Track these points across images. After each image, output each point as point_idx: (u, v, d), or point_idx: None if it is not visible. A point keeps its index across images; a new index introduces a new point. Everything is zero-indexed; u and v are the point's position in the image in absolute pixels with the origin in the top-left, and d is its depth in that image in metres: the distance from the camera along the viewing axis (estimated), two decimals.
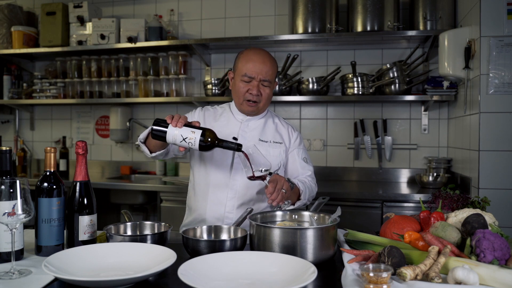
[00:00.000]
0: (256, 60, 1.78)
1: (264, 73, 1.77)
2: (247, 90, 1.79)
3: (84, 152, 1.33)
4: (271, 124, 1.92)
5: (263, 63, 1.78)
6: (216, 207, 1.80)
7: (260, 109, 1.85)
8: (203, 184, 1.85)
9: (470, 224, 1.15)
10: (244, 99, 1.81)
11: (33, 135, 4.01)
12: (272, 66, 1.81)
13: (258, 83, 1.78)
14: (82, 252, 1.19)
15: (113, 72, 3.59)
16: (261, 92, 1.79)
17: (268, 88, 1.81)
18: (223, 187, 1.80)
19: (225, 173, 1.81)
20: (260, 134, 1.86)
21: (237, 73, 1.82)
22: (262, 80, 1.78)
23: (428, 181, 2.93)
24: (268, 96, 1.82)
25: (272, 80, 1.81)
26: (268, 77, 1.78)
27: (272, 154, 1.83)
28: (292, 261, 1.11)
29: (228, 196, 1.79)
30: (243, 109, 1.85)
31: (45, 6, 3.55)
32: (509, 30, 2.31)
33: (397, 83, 3.03)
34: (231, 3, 3.54)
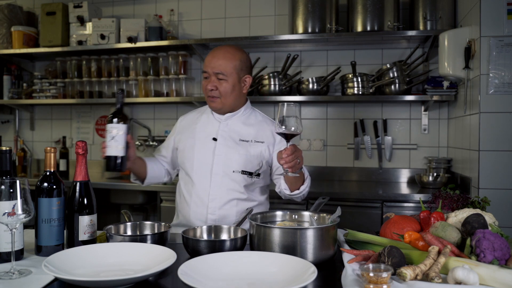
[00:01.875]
0: (210, 56, 1.81)
1: (215, 66, 1.77)
2: (205, 86, 1.81)
3: (84, 152, 1.33)
4: (253, 121, 1.89)
5: (214, 57, 1.79)
6: (198, 209, 1.80)
7: (225, 105, 1.82)
8: (186, 187, 1.86)
9: (470, 224, 1.15)
10: (206, 95, 1.82)
11: (33, 135, 4.01)
12: (225, 58, 1.78)
13: (214, 78, 1.78)
14: (82, 252, 1.19)
15: (113, 72, 3.59)
16: (217, 86, 1.78)
17: (225, 81, 1.77)
18: (204, 189, 1.80)
19: (206, 175, 1.80)
20: (241, 134, 1.84)
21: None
22: (215, 73, 1.77)
23: (428, 181, 2.93)
24: (226, 90, 1.78)
25: (228, 73, 1.77)
26: (220, 70, 1.76)
27: (252, 154, 1.81)
28: (292, 261, 1.11)
29: (209, 198, 1.79)
30: (208, 104, 1.86)
31: (45, 6, 3.55)
32: (509, 30, 2.31)
33: (397, 83, 3.03)
34: (231, 3, 3.54)
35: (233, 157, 1.80)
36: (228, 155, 1.80)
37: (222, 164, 1.79)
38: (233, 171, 1.79)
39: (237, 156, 1.80)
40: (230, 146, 1.81)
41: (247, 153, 1.81)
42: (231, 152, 1.80)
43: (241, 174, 1.80)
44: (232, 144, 1.82)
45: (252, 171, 1.81)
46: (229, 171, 1.79)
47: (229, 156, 1.80)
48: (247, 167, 1.80)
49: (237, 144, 1.82)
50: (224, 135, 1.83)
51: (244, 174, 1.80)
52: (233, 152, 1.80)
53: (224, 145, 1.81)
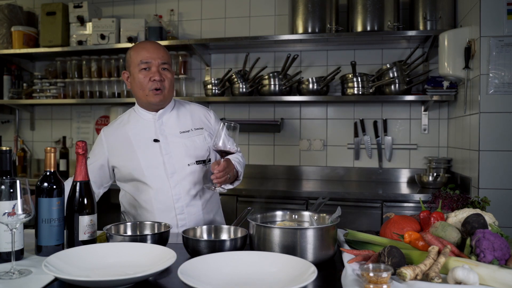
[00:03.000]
0: (148, 46, 1.76)
1: (161, 56, 1.74)
2: (149, 78, 1.72)
3: (84, 152, 1.33)
4: (185, 113, 1.86)
5: (156, 48, 1.75)
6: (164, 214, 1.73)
7: (166, 97, 1.78)
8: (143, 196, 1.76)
9: (470, 224, 1.15)
10: (149, 89, 1.73)
11: (33, 135, 4.01)
12: (165, 49, 1.78)
13: (158, 68, 1.73)
14: (82, 252, 1.19)
15: (113, 72, 3.59)
16: (163, 76, 1.74)
17: (169, 72, 1.76)
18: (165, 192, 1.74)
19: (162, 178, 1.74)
20: (178, 126, 1.80)
21: (133, 66, 1.75)
22: (161, 63, 1.73)
23: (428, 181, 2.93)
24: (171, 81, 1.76)
25: (170, 63, 1.77)
26: (166, 60, 1.75)
27: (198, 142, 1.79)
28: (292, 261, 1.11)
29: (174, 199, 1.74)
30: (150, 100, 1.75)
31: (45, 6, 3.55)
32: (509, 30, 2.31)
33: (397, 83, 3.03)
34: (231, 3, 3.54)
35: (183, 151, 1.76)
36: (177, 151, 1.76)
37: (174, 161, 1.75)
38: (188, 165, 1.75)
39: (186, 149, 1.76)
40: (175, 142, 1.77)
41: (193, 143, 1.78)
42: (179, 147, 1.76)
43: (196, 165, 1.77)
44: (175, 139, 1.77)
45: (205, 159, 1.80)
46: (184, 166, 1.75)
47: (178, 151, 1.76)
48: (198, 156, 1.77)
49: (179, 137, 1.78)
50: (163, 133, 1.78)
51: (199, 163, 1.78)
52: (180, 146, 1.77)
53: (168, 143, 1.76)
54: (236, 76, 3.26)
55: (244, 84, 3.26)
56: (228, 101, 3.44)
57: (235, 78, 3.27)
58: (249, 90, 3.26)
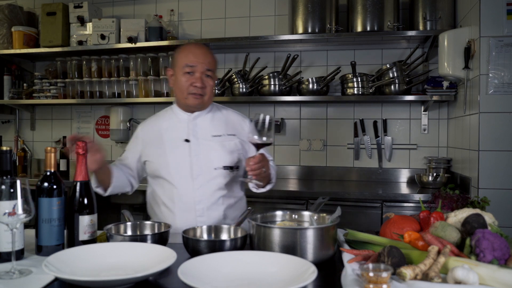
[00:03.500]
0: (196, 50, 1.76)
1: (207, 63, 1.74)
2: (190, 83, 1.73)
3: (84, 152, 1.33)
4: (219, 116, 1.87)
5: (203, 53, 1.76)
6: (185, 214, 1.74)
7: (205, 102, 1.79)
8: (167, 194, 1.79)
9: (470, 224, 1.15)
10: (188, 92, 1.75)
11: (34, 135, 4.01)
12: (212, 55, 1.80)
13: (201, 74, 1.74)
14: (82, 252, 1.19)
15: (113, 72, 3.59)
16: (205, 83, 1.75)
17: (211, 79, 1.77)
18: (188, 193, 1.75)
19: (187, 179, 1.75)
20: (211, 130, 1.81)
21: (178, 67, 1.77)
22: (206, 69, 1.74)
23: (428, 181, 2.93)
24: (211, 88, 1.78)
25: (214, 70, 1.79)
26: (211, 67, 1.76)
27: (228, 148, 1.80)
28: (292, 261, 1.11)
29: (195, 200, 1.75)
30: (188, 103, 1.77)
31: (46, 6, 3.55)
32: (508, 30, 2.31)
33: (397, 83, 3.03)
34: (231, 3, 3.55)
35: (212, 155, 1.77)
36: (206, 153, 1.77)
37: (202, 164, 1.76)
38: (214, 169, 1.76)
39: (215, 153, 1.77)
40: (205, 144, 1.78)
41: (224, 148, 1.78)
42: (208, 150, 1.77)
43: (223, 170, 1.77)
44: (206, 142, 1.79)
45: (232, 165, 1.80)
46: (210, 170, 1.76)
47: (207, 154, 1.77)
48: (226, 161, 1.78)
49: (210, 141, 1.79)
50: (195, 135, 1.79)
51: (226, 169, 1.78)
52: (210, 149, 1.78)
53: (199, 144, 1.78)
54: (236, 76, 3.26)
55: (244, 84, 3.26)
56: (228, 101, 3.44)
57: (235, 78, 3.27)
58: (249, 90, 3.26)
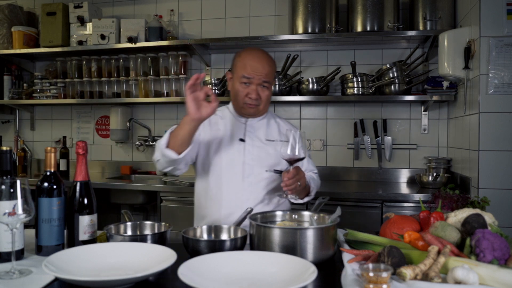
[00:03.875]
0: (255, 62, 1.76)
1: (264, 75, 1.76)
2: (246, 94, 1.77)
3: (84, 152, 1.33)
4: (273, 123, 1.93)
5: (262, 65, 1.76)
6: (231, 210, 1.76)
7: (260, 111, 1.85)
8: (216, 189, 1.81)
9: (470, 224, 1.15)
10: (243, 102, 1.79)
11: (34, 135, 4.01)
12: (270, 67, 1.80)
13: (257, 86, 1.76)
14: (82, 252, 1.19)
15: (113, 72, 3.59)
16: (260, 95, 1.77)
17: (267, 89, 1.80)
18: (237, 191, 1.78)
19: (237, 177, 1.79)
20: (266, 134, 1.86)
21: (236, 76, 1.80)
22: (262, 82, 1.76)
23: (428, 181, 2.93)
24: (267, 98, 1.81)
25: (271, 81, 1.81)
26: (268, 79, 1.77)
27: None
28: (292, 261, 1.11)
29: (243, 199, 1.77)
30: (243, 112, 1.84)
31: (46, 6, 3.55)
32: (508, 30, 2.31)
33: (397, 83, 3.03)
34: (231, 3, 3.55)
35: (264, 157, 1.81)
36: (259, 155, 1.81)
37: (254, 164, 1.80)
38: (266, 171, 1.80)
39: (268, 156, 1.81)
40: (259, 146, 1.82)
41: (276, 152, 1.82)
42: (262, 152, 1.81)
43: (273, 173, 1.81)
44: (260, 144, 1.83)
45: (282, 170, 1.82)
46: (261, 171, 1.79)
47: (260, 156, 1.81)
48: (277, 166, 1.82)
49: (265, 144, 1.83)
50: (251, 136, 1.83)
51: (276, 173, 1.82)
52: (263, 152, 1.82)
53: (253, 145, 1.82)
54: None
55: None
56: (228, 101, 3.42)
57: None
58: None
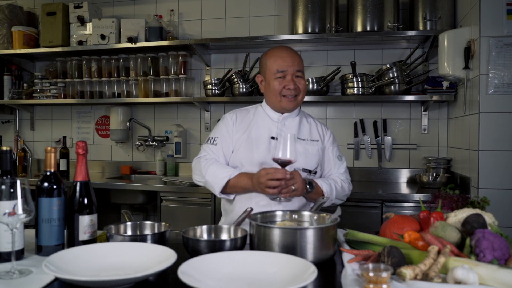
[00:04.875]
0: (284, 54, 1.82)
1: (296, 64, 1.80)
2: (283, 86, 1.80)
3: (84, 152, 1.33)
4: (305, 123, 1.94)
5: (291, 56, 1.81)
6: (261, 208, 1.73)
7: (300, 102, 1.87)
8: None
9: (470, 224, 1.15)
10: (282, 95, 1.81)
11: (34, 135, 4.01)
12: (299, 57, 1.86)
13: (292, 77, 1.80)
14: (82, 252, 1.19)
15: (113, 72, 3.59)
16: (297, 85, 1.81)
17: (302, 79, 1.83)
18: None
19: None
20: (297, 133, 1.87)
21: (268, 73, 1.83)
22: (296, 71, 1.80)
23: (428, 181, 2.93)
24: (304, 87, 1.85)
25: (303, 70, 1.85)
26: (300, 67, 1.82)
27: (310, 152, 1.85)
28: (292, 261, 1.11)
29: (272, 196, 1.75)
30: (283, 106, 1.84)
31: (46, 6, 3.55)
32: (508, 30, 2.31)
33: (397, 83, 3.03)
34: (231, 3, 3.55)
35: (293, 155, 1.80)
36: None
37: None
38: (294, 169, 1.79)
39: (298, 154, 1.79)
40: None
41: (306, 151, 1.83)
42: None
43: (302, 171, 1.81)
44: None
45: (311, 169, 1.84)
46: (291, 169, 1.77)
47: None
48: (307, 164, 1.83)
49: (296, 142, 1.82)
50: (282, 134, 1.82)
51: (305, 171, 1.82)
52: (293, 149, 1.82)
53: None
54: (236, 76, 3.26)
55: (244, 84, 3.26)
56: (228, 101, 3.44)
57: (235, 78, 3.27)
58: (249, 90, 3.26)
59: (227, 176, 1.77)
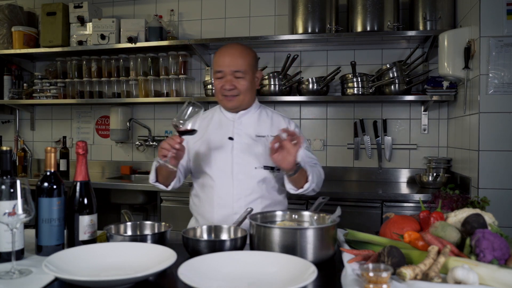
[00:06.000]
0: (224, 54, 1.78)
1: (233, 65, 1.75)
2: (221, 86, 1.77)
3: (84, 152, 1.33)
4: (265, 117, 1.90)
5: (230, 55, 1.77)
6: (223, 210, 1.77)
7: (242, 102, 1.81)
8: (207, 190, 1.83)
9: (470, 224, 1.15)
10: (221, 95, 1.79)
11: (34, 135, 4.01)
12: (241, 56, 1.78)
13: (230, 77, 1.76)
14: (82, 252, 1.19)
15: (113, 72, 3.59)
16: (235, 85, 1.76)
17: (243, 79, 1.77)
18: (227, 190, 1.78)
19: (227, 176, 1.79)
20: (256, 130, 1.84)
21: (213, 72, 1.83)
22: (234, 72, 1.75)
23: (428, 181, 2.93)
24: (245, 88, 1.78)
25: (245, 70, 1.77)
26: (238, 68, 1.76)
27: None
28: (292, 261, 1.11)
29: (234, 198, 1.77)
30: (223, 105, 1.84)
31: (46, 6, 3.55)
32: (508, 30, 2.31)
33: (397, 83, 3.03)
34: (231, 3, 3.55)
35: (253, 154, 1.80)
36: (247, 152, 1.80)
37: (242, 162, 1.79)
38: (255, 168, 1.79)
39: (257, 152, 1.80)
40: (248, 143, 1.81)
41: (266, 148, 1.80)
42: (250, 149, 1.80)
43: (263, 169, 1.79)
44: (249, 141, 1.82)
45: (274, 166, 1.81)
46: (251, 169, 1.79)
47: (248, 153, 1.80)
48: (268, 162, 1.80)
49: (254, 140, 1.82)
50: (240, 133, 1.83)
51: (266, 169, 1.80)
52: (252, 149, 1.81)
53: (241, 143, 1.81)
54: None
55: None
56: None
57: None
58: None
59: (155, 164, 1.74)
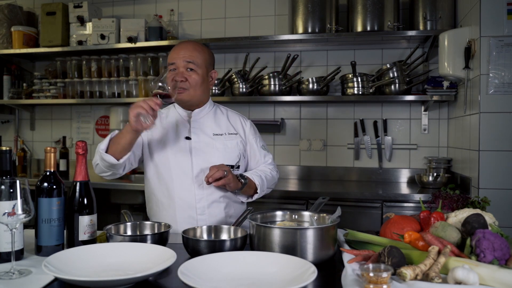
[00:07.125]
0: (179, 46, 1.77)
1: (187, 56, 1.74)
2: (172, 78, 1.73)
3: (84, 152, 1.33)
4: (221, 115, 1.89)
5: (184, 48, 1.76)
6: (186, 212, 1.74)
7: (194, 98, 1.78)
8: (166, 191, 1.77)
9: (470, 224, 1.15)
10: (173, 87, 1.72)
11: (33, 135, 4.01)
12: (196, 49, 1.77)
13: (183, 69, 1.74)
14: (82, 252, 1.19)
15: (113, 72, 3.59)
16: (187, 77, 1.73)
17: (194, 73, 1.75)
18: (189, 191, 1.75)
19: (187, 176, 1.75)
20: (213, 128, 1.83)
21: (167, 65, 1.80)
22: (186, 63, 1.73)
23: (428, 181, 2.93)
24: (196, 82, 1.75)
25: (198, 64, 1.75)
26: (191, 59, 1.74)
27: (229, 147, 1.81)
28: (292, 261, 1.11)
29: (196, 199, 1.75)
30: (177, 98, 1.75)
31: (45, 6, 3.55)
32: (509, 30, 2.31)
33: (397, 83, 3.03)
34: (231, 3, 3.54)
35: (212, 153, 1.78)
36: (206, 151, 1.78)
37: (201, 161, 1.76)
38: None
39: (215, 151, 1.78)
40: (206, 142, 1.79)
41: (225, 146, 1.80)
42: (208, 148, 1.78)
43: None
44: (207, 140, 1.80)
45: (233, 164, 1.81)
46: None
47: (207, 152, 1.78)
48: (226, 160, 1.78)
49: (212, 139, 1.80)
50: (197, 132, 1.80)
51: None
52: (210, 147, 1.79)
53: (199, 142, 1.79)
54: (236, 76, 3.26)
55: (244, 84, 3.26)
56: (228, 101, 3.44)
57: (235, 78, 3.27)
58: (249, 90, 3.26)
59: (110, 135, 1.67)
